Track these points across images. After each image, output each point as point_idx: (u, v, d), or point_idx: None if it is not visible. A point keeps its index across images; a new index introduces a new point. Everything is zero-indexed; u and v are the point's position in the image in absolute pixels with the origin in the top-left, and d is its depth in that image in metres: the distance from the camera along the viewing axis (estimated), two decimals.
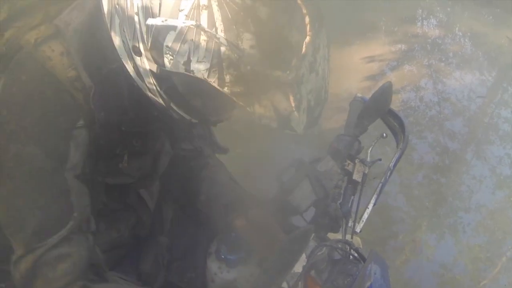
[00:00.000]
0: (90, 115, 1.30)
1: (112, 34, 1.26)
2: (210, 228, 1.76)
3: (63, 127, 1.28)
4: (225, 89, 1.20)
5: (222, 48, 1.17)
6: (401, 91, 4.80)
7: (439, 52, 5.47)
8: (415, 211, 3.71)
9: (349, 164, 1.57)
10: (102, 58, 1.31)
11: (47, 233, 1.29)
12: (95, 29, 1.31)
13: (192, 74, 1.19)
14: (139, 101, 1.33)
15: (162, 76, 1.25)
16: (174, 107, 1.30)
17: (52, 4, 1.38)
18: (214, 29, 1.16)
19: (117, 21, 1.25)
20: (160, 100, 1.29)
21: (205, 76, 1.19)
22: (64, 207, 1.30)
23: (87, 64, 1.29)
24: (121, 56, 1.26)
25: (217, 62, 1.18)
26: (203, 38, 1.17)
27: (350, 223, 1.53)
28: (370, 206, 1.55)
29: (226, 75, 1.20)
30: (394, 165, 1.62)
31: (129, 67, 1.27)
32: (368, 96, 1.64)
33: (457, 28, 5.80)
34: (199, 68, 1.19)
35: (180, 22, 1.16)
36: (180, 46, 1.18)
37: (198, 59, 1.18)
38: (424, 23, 5.91)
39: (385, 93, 1.57)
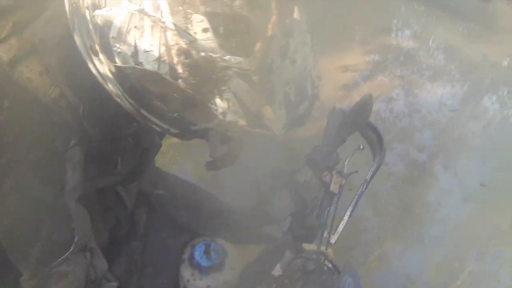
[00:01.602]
0: (80, 131, 1.24)
1: (75, 36, 1.18)
2: (184, 233, 1.74)
3: (57, 151, 1.22)
4: (180, 82, 1.10)
5: (169, 34, 1.09)
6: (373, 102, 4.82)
7: (412, 63, 5.52)
8: (382, 221, 3.72)
9: (326, 175, 1.57)
10: (83, 71, 1.21)
11: (50, 259, 1.23)
12: (73, 42, 1.22)
13: (142, 67, 1.09)
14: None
15: (118, 75, 1.14)
16: (145, 113, 1.20)
17: (18, 13, 1.27)
18: (159, 13, 1.09)
19: (76, 21, 1.17)
20: (128, 105, 1.20)
21: (155, 68, 1.09)
22: (66, 233, 1.24)
23: (70, 80, 1.23)
24: (85, 58, 1.17)
25: (166, 50, 1.09)
26: (148, 23, 1.09)
27: (326, 234, 1.53)
28: (346, 217, 1.56)
29: (177, 64, 1.11)
30: (371, 178, 1.63)
31: (93, 69, 1.18)
32: (344, 106, 1.64)
33: (431, 40, 5.84)
34: (148, 59, 1.09)
35: (124, 8, 1.08)
36: (125, 36, 1.09)
37: (145, 49, 1.09)
38: (399, 34, 5.94)
39: (366, 105, 1.58)
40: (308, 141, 1.70)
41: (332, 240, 1.50)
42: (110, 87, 1.17)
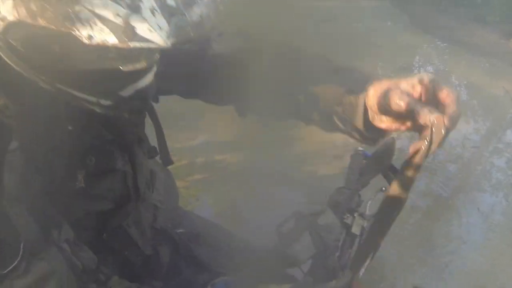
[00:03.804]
0: (24, 136, 1.13)
1: None
2: (204, 272, 1.73)
3: None
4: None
5: None
6: (396, 139, 4.82)
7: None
8: (404, 255, 3.69)
9: (348, 217, 1.57)
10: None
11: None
12: None
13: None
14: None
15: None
16: (62, 87, 1.08)
17: None
18: None
19: None
20: (42, 84, 1.08)
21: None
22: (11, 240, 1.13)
23: (6, 89, 1.11)
24: None
25: None
26: None
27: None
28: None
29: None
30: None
31: None
32: (367, 149, 1.65)
33: (453, 77, 5.86)
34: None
35: None
36: None
37: None
38: (421, 70, 5.97)
39: (388, 149, 1.57)
40: (331, 180, 1.72)
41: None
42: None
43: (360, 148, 1.70)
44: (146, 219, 1.63)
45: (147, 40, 0.91)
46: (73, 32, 0.92)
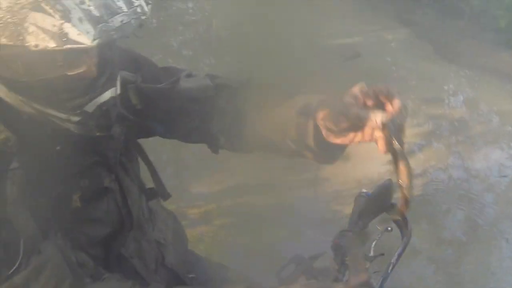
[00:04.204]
0: (22, 159, 1.33)
1: None
2: None
3: None
4: None
5: None
6: (429, 170, 4.79)
7: (466, 129, 5.47)
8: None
9: (349, 259, 1.58)
10: None
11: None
12: None
13: None
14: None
15: None
16: (34, 104, 1.34)
17: None
18: None
19: None
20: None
21: None
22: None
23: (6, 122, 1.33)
24: None
25: None
26: None
27: None
28: None
29: None
30: (397, 260, 1.62)
31: None
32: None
33: (483, 104, 5.80)
34: None
35: None
36: None
37: None
38: (452, 100, 5.93)
39: (386, 189, 1.59)
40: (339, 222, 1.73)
41: None
42: None
43: (364, 190, 1.71)
44: (150, 254, 1.73)
45: (77, 42, 1.15)
46: (26, 44, 1.17)
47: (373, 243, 1.67)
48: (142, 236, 1.70)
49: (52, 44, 1.15)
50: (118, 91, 1.41)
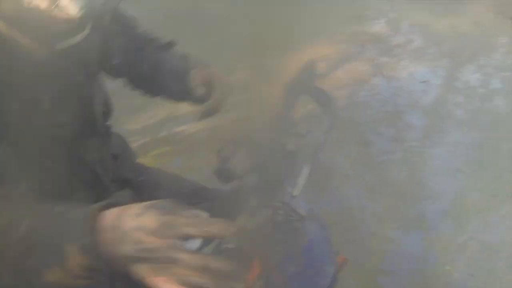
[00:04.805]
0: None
1: None
2: None
3: None
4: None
5: None
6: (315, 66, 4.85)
7: (389, 48, 5.60)
8: (378, 207, 3.75)
9: (284, 136, 1.62)
10: None
11: None
12: None
13: None
14: None
15: None
16: None
17: None
18: None
19: None
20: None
21: None
22: None
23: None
24: None
25: None
26: None
27: (289, 189, 1.54)
28: (305, 171, 1.58)
29: None
30: (324, 136, 1.65)
31: None
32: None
33: (405, 22, 5.94)
34: None
35: None
36: None
37: None
38: (374, 22, 6.04)
39: (308, 69, 1.64)
40: None
41: (295, 193, 1.52)
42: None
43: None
44: (108, 164, 1.74)
45: (65, 11, 1.19)
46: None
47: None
48: (101, 146, 1.69)
49: (43, 5, 1.18)
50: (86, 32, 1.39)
